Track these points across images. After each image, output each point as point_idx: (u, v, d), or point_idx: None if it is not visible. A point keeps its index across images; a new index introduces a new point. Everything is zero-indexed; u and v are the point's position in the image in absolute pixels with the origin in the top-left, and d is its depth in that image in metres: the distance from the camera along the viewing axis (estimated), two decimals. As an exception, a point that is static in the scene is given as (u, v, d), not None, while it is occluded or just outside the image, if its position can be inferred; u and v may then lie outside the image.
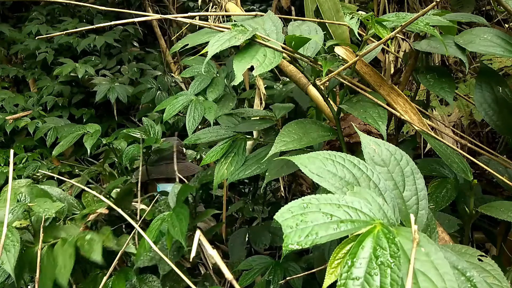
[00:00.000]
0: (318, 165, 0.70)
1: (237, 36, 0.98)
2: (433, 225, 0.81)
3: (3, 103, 3.10)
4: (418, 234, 0.58)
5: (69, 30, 1.23)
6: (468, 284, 0.62)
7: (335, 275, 0.58)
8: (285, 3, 2.79)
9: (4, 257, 1.08)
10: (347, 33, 1.26)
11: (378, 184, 0.69)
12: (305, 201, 0.60)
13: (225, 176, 1.38)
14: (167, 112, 1.50)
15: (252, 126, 1.52)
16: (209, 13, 1.60)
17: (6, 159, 2.77)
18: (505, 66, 2.12)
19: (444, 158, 1.04)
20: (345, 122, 1.36)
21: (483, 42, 1.11)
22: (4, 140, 3.00)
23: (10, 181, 1.07)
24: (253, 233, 1.75)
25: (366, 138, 0.79)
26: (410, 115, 1.19)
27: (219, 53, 1.07)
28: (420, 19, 1.04)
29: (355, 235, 0.57)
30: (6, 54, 3.72)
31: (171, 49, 1.23)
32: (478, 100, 1.20)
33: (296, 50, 1.07)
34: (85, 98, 3.33)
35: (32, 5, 3.99)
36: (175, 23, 3.90)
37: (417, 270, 0.54)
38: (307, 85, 1.38)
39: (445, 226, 1.13)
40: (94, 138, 1.77)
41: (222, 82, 1.64)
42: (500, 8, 2.14)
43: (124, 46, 3.71)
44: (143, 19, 1.25)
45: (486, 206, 1.03)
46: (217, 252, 0.50)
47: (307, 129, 1.15)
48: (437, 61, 2.27)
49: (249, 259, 1.57)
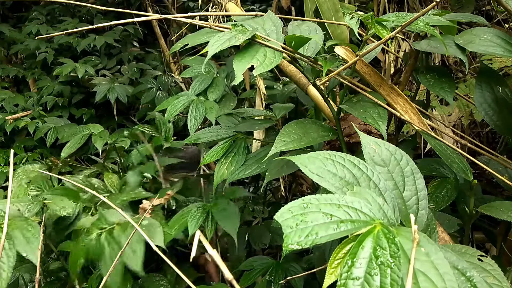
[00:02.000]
0: (318, 165, 0.70)
1: (237, 36, 0.98)
2: (433, 225, 0.81)
3: (3, 103, 3.10)
4: (418, 234, 0.58)
5: (69, 30, 1.23)
6: (468, 284, 0.62)
7: (335, 275, 0.58)
8: (285, 3, 2.79)
9: (28, 248, 1.06)
10: (346, 33, 1.26)
11: (378, 184, 0.69)
12: (305, 201, 0.60)
13: (225, 176, 1.38)
14: (169, 112, 1.50)
15: (252, 126, 1.52)
16: (209, 13, 1.60)
17: (6, 159, 2.77)
18: (505, 66, 2.12)
19: (444, 158, 1.04)
20: (345, 122, 1.36)
21: (483, 42, 1.11)
22: (4, 140, 3.00)
23: (10, 181, 1.07)
24: (253, 232, 1.75)
25: (366, 138, 0.79)
26: (410, 115, 1.19)
27: (219, 53, 1.07)
28: (420, 19, 1.04)
29: (355, 235, 0.57)
30: (6, 54, 3.72)
31: (171, 49, 1.23)
32: (478, 100, 1.20)
33: (296, 50, 1.07)
34: (85, 98, 3.33)
35: (32, 5, 3.99)
36: (175, 23, 3.90)
37: (417, 270, 0.54)
38: (307, 85, 1.38)
39: (445, 226, 1.13)
40: (104, 139, 1.77)
41: (223, 82, 1.64)
42: (500, 8, 2.14)
43: (124, 46, 3.71)
44: (143, 19, 1.25)
45: (486, 206, 1.03)
46: (217, 252, 0.50)
47: (307, 129, 1.15)
48: (437, 61, 2.27)
49: (250, 260, 1.57)
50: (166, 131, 1.78)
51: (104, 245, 1.15)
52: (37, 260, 1.06)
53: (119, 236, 1.15)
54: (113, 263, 1.17)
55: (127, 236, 1.12)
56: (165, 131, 1.78)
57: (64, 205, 1.30)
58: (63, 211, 1.28)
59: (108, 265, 1.11)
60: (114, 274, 1.10)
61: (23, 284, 1.44)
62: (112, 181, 1.63)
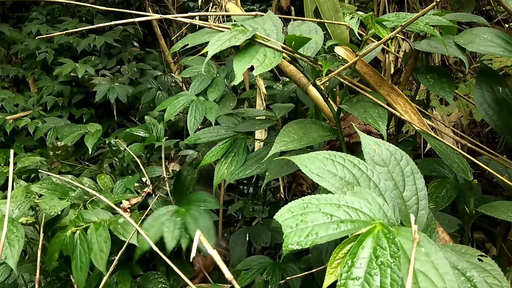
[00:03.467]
0: (318, 165, 0.70)
1: (237, 36, 0.98)
2: (433, 225, 0.81)
3: (3, 103, 3.10)
4: (418, 234, 0.58)
5: (69, 30, 1.23)
6: (468, 284, 0.62)
7: (335, 275, 0.58)
8: (285, 3, 2.79)
9: (8, 252, 1.07)
10: (346, 33, 1.26)
11: (378, 184, 0.69)
12: (305, 201, 0.60)
13: (225, 176, 1.38)
14: (168, 112, 1.50)
15: (252, 126, 1.52)
16: (209, 13, 1.60)
17: (6, 159, 2.76)
18: (505, 66, 2.12)
19: (444, 158, 1.04)
20: (345, 122, 1.36)
21: (483, 42, 1.11)
22: (4, 140, 2.99)
23: (10, 181, 1.07)
24: (253, 231, 1.75)
25: (366, 138, 0.79)
26: (410, 115, 1.19)
27: (219, 53, 1.07)
28: (420, 19, 1.04)
29: (355, 235, 0.57)
30: (6, 54, 3.72)
31: (171, 49, 1.24)
32: (478, 100, 1.20)
33: (296, 50, 1.07)
34: (85, 98, 3.33)
35: (32, 5, 3.99)
36: (175, 23, 3.90)
37: (417, 270, 0.54)
38: (307, 85, 1.38)
39: (445, 226, 1.13)
40: (95, 138, 1.78)
41: (222, 82, 1.64)
42: (500, 8, 2.14)
43: (124, 46, 3.71)
44: (143, 19, 1.25)
45: (486, 206, 1.03)
46: (217, 252, 0.50)
47: (307, 129, 1.15)
48: (437, 61, 2.27)
49: (248, 259, 1.57)
50: (157, 132, 1.85)
51: (77, 243, 1.20)
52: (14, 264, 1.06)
53: (90, 234, 1.21)
54: (113, 264, 1.18)
55: (99, 235, 1.19)
56: (156, 132, 1.85)
57: (53, 204, 1.29)
58: (53, 209, 1.27)
59: (77, 262, 1.17)
60: (81, 272, 1.16)
61: (23, 284, 1.44)
62: (105, 181, 1.68)
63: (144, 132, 1.83)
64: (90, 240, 1.19)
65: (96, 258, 1.16)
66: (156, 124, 1.87)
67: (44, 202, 1.30)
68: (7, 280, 1.41)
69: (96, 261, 1.16)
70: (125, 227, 1.23)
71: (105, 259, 1.15)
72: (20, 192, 1.37)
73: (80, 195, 1.48)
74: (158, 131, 1.84)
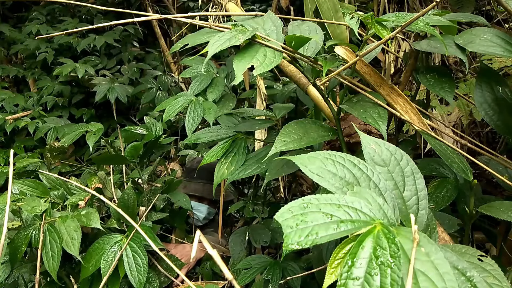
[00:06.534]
0: (318, 165, 0.70)
1: (237, 36, 0.98)
2: (433, 225, 0.81)
3: (3, 103, 3.10)
4: (418, 234, 0.58)
5: (69, 30, 1.23)
6: (468, 284, 0.62)
7: (335, 275, 0.58)
8: (285, 3, 2.79)
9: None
10: (346, 33, 1.26)
11: (378, 184, 0.69)
12: (305, 201, 0.60)
13: (225, 176, 1.38)
14: (167, 113, 1.50)
15: (252, 126, 1.52)
16: (209, 13, 1.60)
17: (6, 159, 2.76)
18: (505, 66, 2.12)
19: (444, 158, 1.04)
20: (345, 122, 1.36)
21: (483, 42, 1.11)
22: (4, 140, 2.99)
23: (10, 181, 1.07)
24: (253, 231, 1.75)
25: (366, 138, 0.79)
26: (410, 115, 1.19)
27: (219, 53, 1.08)
28: (420, 19, 1.04)
29: (355, 235, 0.57)
30: (6, 54, 3.72)
31: (171, 49, 1.23)
32: (478, 100, 1.20)
33: (296, 50, 1.07)
34: (85, 98, 3.33)
35: (32, 5, 3.98)
36: (175, 23, 3.90)
37: (417, 270, 0.54)
38: (307, 85, 1.38)
39: (445, 226, 1.13)
40: (97, 136, 1.80)
41: (222, 82, 1.64)
42: (500, 8, 2.15)
43: (124, 46, 3.70)
44: (143, 19, 1.25)
45: (486, 206, 1.03)
46: (217, 252, 0.50)
47: (307, 129, 1.15)
48: (437, 61, 2.27)
49: (248, 258, 1.57)
50: (156, 130, 1.93)
51: (46, 234, 1.33)
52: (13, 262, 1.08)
53: (59, 226, 1.34)
54: (114, 263, 1.18)
55: (67, 226, 1.33)
56: (155, 131, 1.93)
57: (35, 205, 1.37)
58: (34, 210, 1.34)
59: (48, 251, 1.30)
60: (52, 260, 1.29)
61: (23, 284, 1.44)
62: (95, 182, 1.72)
63: (143, 129, 1.85)
64: (59, 230, 1.32)
65: (68, 246, 1.29)
66: (155, 123, 1.90)
67: (26, 204, 1.37)
68: (7, 280, 1.41)
69: (69, 248, 1.29)
70: (89, 216, 1.37)
71: (77, 245, 1.29)
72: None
73: (60, 194, 1.56)
74: (157, 130, 1.87)
